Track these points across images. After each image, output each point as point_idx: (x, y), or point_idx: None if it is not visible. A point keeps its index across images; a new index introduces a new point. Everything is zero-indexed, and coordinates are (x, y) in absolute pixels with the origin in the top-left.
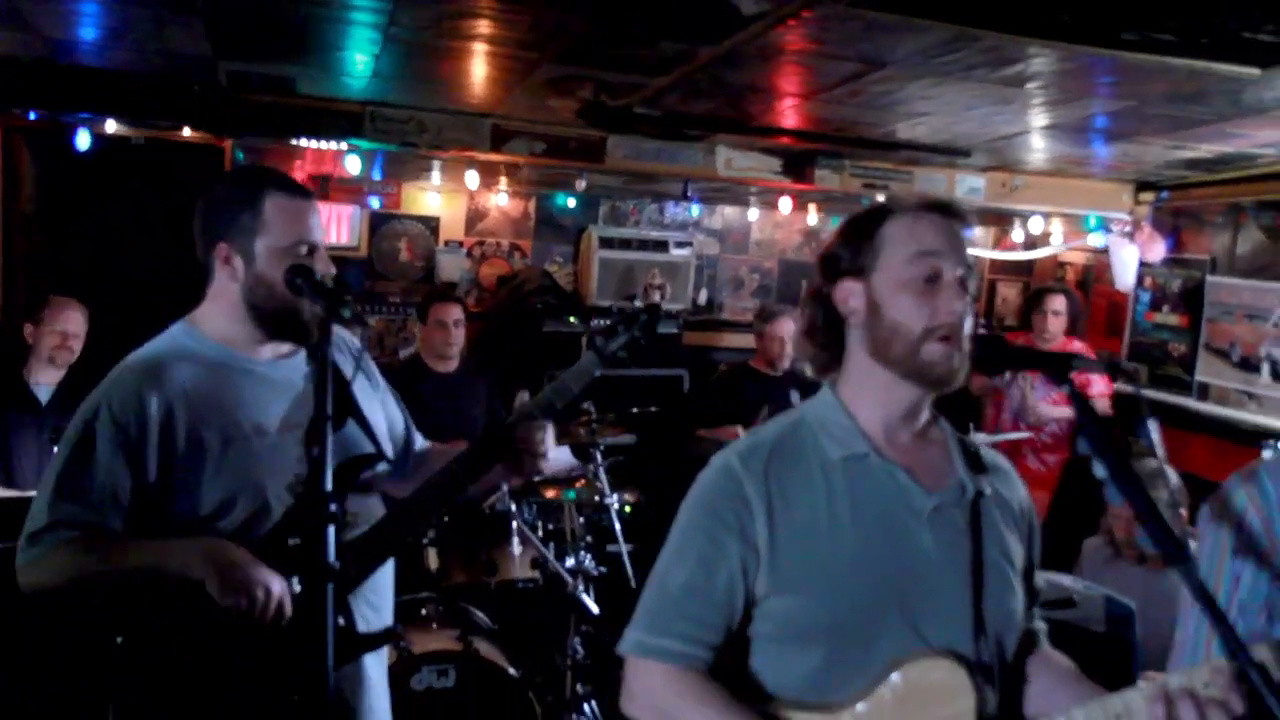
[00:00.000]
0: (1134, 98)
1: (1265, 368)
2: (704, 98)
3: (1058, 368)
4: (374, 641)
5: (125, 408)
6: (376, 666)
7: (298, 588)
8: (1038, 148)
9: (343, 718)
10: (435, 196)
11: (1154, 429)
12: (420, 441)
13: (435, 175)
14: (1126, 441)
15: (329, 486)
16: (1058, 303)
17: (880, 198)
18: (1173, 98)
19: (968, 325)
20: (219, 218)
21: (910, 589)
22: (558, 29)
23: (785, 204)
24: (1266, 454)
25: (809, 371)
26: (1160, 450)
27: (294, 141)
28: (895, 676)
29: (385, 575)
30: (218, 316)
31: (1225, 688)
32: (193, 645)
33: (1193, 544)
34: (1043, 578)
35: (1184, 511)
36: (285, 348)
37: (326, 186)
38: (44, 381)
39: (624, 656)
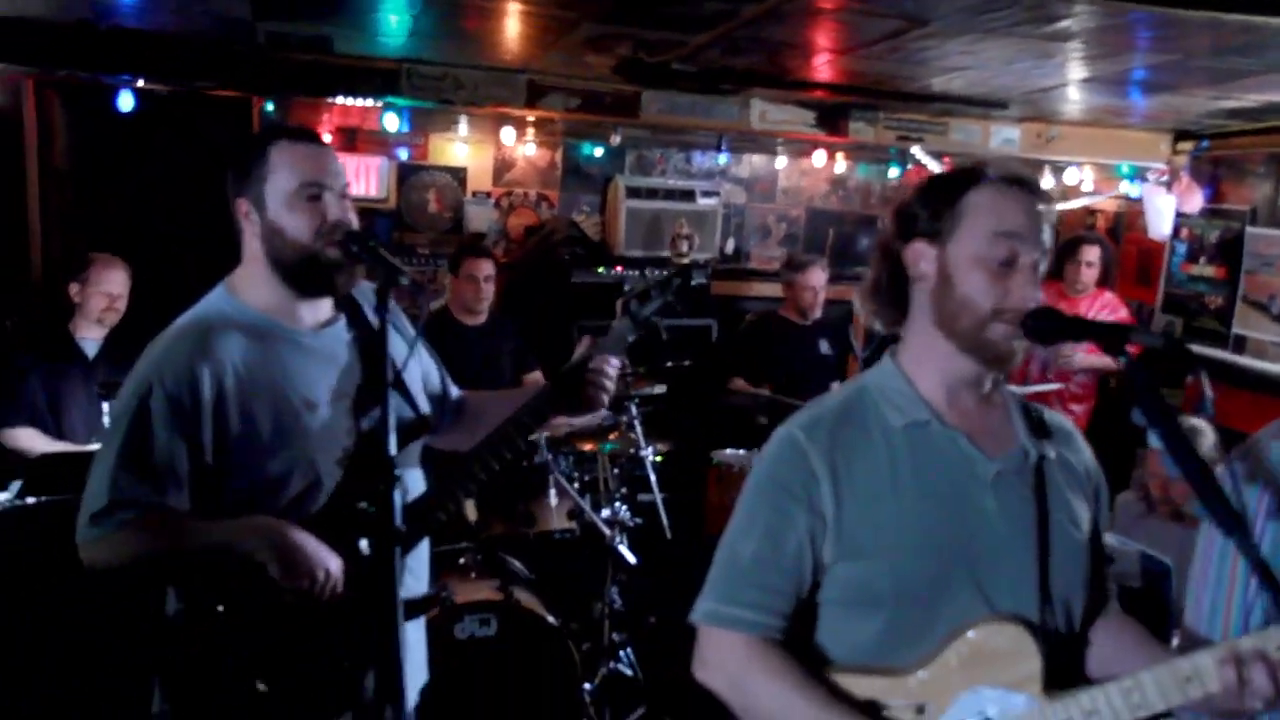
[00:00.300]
0: (1179, 51)
1: None
2: (742, 54)
3: (1114, 340)
4: (419, 608)
5: (179, 383)
6: (415, 629)
7: (367, 550)
8: (1075, 99)
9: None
10: (463, 147)
11: (1206, 386)
12: (455, 391)
13: (463, 126)
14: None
15: (392, 451)
16: (1092, 253)
17: (915, 150)
18: (1219, 50)
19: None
20: (236, 176)
21: (975, 554)
22: None
23: (819, 157)
24: None
25: (878, 327)
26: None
27: (331, 100)
28: (961, 640)
29: (423, 541)
30: (253, 281)
31: None
32: (250, 620)
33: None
34: None
35: (1221, 468)
36: (324, 314)
37: (354, 139)
38: (90, 336)
39: (696, 625)
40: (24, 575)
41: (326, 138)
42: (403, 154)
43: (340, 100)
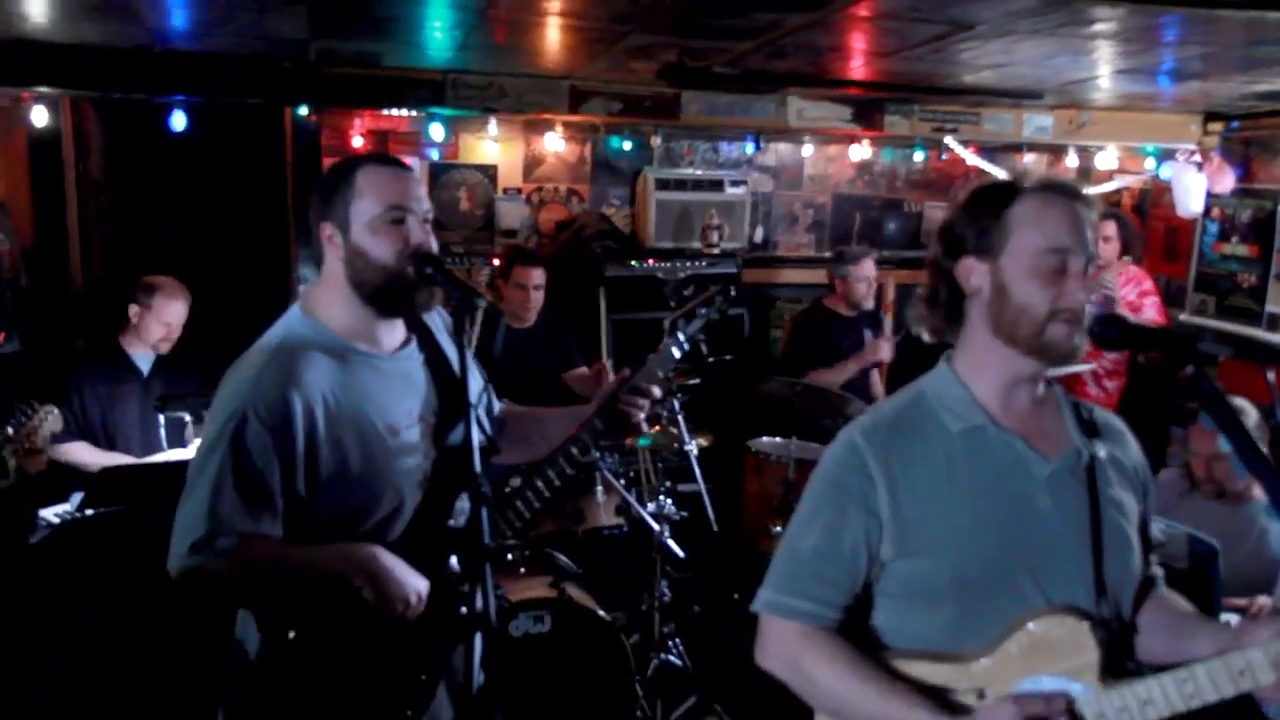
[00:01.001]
0: (1214, 44)
1: None
2: (784, 58)
3: (1182, 350)
4: (485, 621)
5: (272, 413)
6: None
7: (457, 567)
8: (1107, 87)
9: (454, 684)
10: (493, 145)
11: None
12: (498, 406)
13: (492, 125)
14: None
15: (478, 469)
16: (1108, 228)
17: (949, 140)
18: (1254, 41)
19: (1088, 309)
20: (321, 200)
21: (1032, 551)
22: (655, 3)
23: (856, 151)
24: None
25: (925, 337)
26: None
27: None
28: (1022, 631)
29: None
30: (332, 302)
31: None
32: (326, 642)
33: None
34: None
35: (1265, 446)
36: (399, 337)
37: (386, 142)
38: (143, 352)
39: (758, 613)
40: (84, 585)
41: (358, 141)
42: (434, 154)
43: (388, 111)
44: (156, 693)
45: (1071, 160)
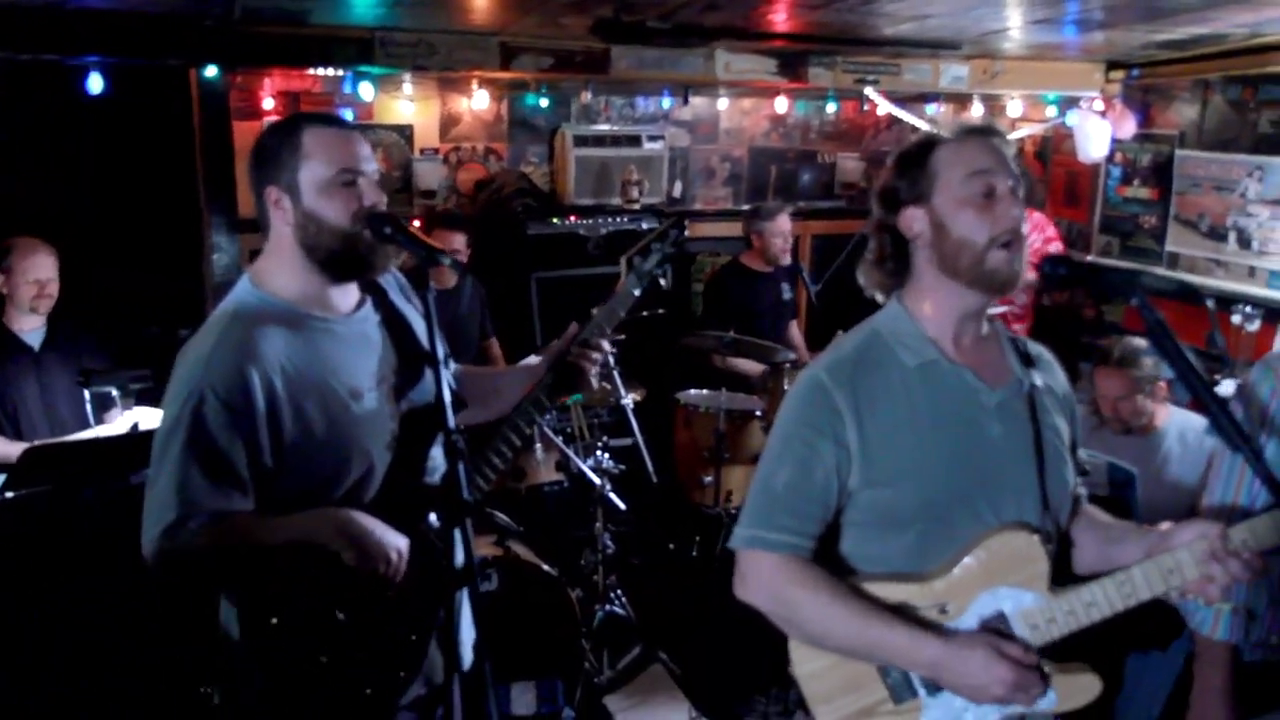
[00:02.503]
0: None
1: (1232, 236)
2: (716, 10)
3: (1127, 285)
4: (472, 574)
5: (230, 389)
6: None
7: (437, 524)
8: (1018, 38)
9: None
10: (408, 105)
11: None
12: (454, 364)
13: (408, 84)
14: (1099, 314)
15: (452, 424)
16: None
17: (869, 90)
18: None
19: (1025, 229)
20: (263, 163)
21: (986, 474)
22: None
23: (781, 103)
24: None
25: (878, 297)
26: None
27: (308, 70)
28: (979, 548)
29: None
30: (282, 270)
31: (1258, 540)
32: (312, 618)
33: None
34: None
35: (1163, 383)
36: (352, 300)
37: (297, 104)
38: (29, 327)
39: (736, 550)
40: (13, 570)
41: (269, 104)
42: (348, 114)
43: (314, 71)
44: (106, 668)
45: (977, 110)
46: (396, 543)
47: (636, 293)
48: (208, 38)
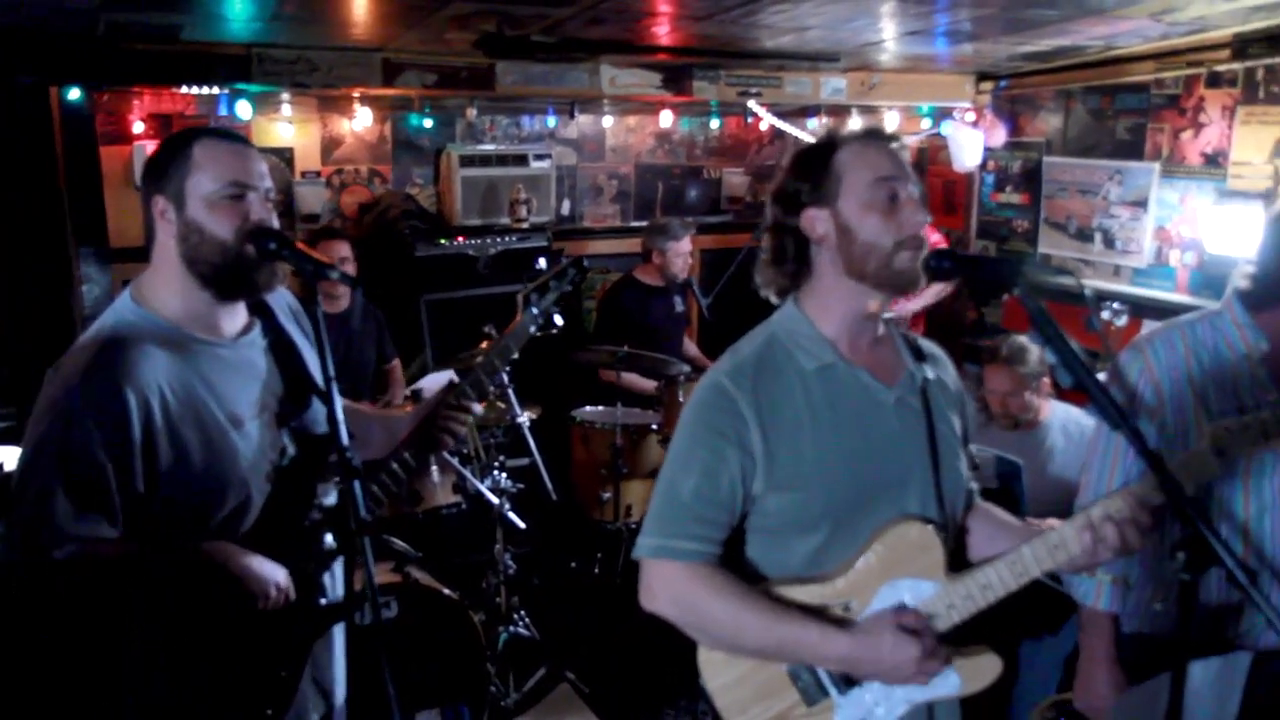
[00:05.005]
0: (984, 7)
1: (1098, 237)
2: (600, 24)
3: (1009, 272)
4: (341, 612)
5: (103, 411)
6: (338, 626)
7: (332, 544)
8: (893, 50)
9: (318, 677)
10: (287, 127)
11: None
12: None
13: (286, 106)
14: (981, 316)
15: (345, 441)
16: None
17: (751, 104)
18: (1015, 4)
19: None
20: (153, 173)
21: (887, 472)
22: None
23: (666, 118)
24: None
25: (773, 299)
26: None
27: (180, 90)
28: (878, 543)
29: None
30: (166, 287)
31: (1134, 508)
32: (186, 647)
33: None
34: None
35: (1048, 379)
36: (239, 322)
37: (169, 125)
38: None
39: (640, 560)
40: None
41: (139, 127)
42: None
43: (188, 90)
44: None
45: (856, 123)
46: (275, 576)
47: (533, 329)
48: (68, 54)
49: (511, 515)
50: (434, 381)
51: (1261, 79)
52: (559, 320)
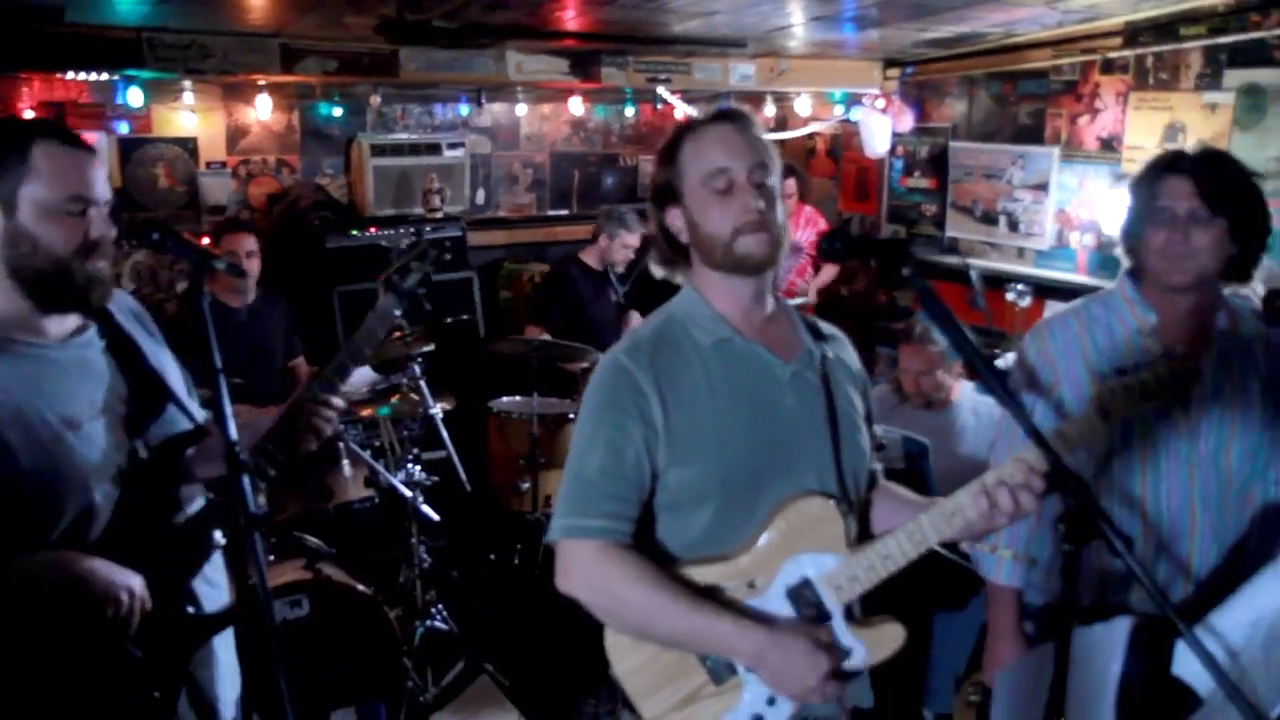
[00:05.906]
0: None
1: (1002, 220)
2: (502, 9)
3: (898, 255)
4: (220, 623)
5: None
6: (224, 644)
7: (221, 540)
8: (801, 35)
9: (199, 696)
10: (190, 116)
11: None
12: (200, 413)
13: (188, 94)
14: (892, 299)
15: (233, 435)
16: (789, 186)
17: (661, 90)
18: None
19: (777, 209)
20: None
21: (784, 446)
22: None
23: (577, 105)
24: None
25: (679, 280)
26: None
27: (69, 75)
28: (779, 518)
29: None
30: None
31: (1026, 474)
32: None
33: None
34: None
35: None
36: (69, 324)
37: (63, 114)
38: None
39: (554, 543)
40: None
41: (29, 114)
42: (123, 127)
43: (74, 76)
44: None
45: (770, 109)
46: (127, 581)
47: (397, 313)
48: None
49: (425, 508)
50: (360, 379)
51: (1151, 66)
52: (428, 306)
